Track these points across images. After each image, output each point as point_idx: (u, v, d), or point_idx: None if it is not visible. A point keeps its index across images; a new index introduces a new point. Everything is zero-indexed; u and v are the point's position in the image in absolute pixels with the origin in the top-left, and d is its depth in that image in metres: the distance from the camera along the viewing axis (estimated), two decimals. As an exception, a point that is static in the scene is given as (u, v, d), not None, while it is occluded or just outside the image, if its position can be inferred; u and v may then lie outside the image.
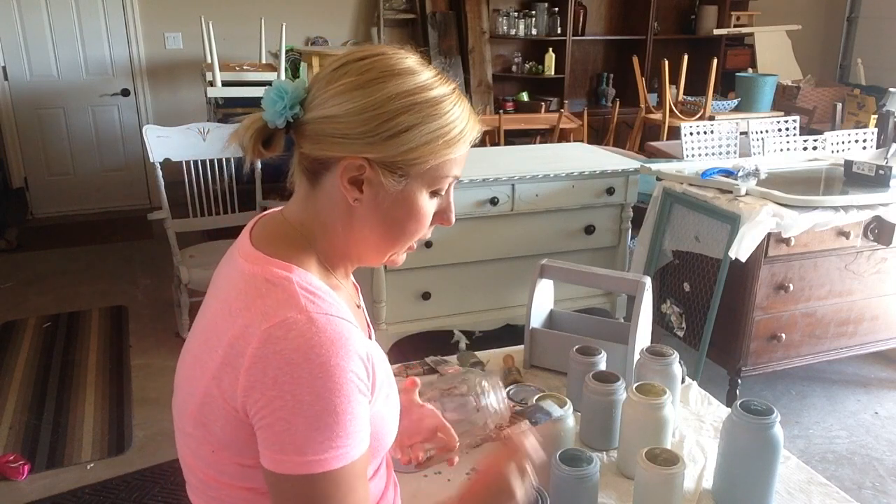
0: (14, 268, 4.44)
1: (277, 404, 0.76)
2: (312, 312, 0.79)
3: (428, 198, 0.88)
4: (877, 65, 5.90)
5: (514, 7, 5.99)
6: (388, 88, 0.82)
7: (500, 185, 2.90)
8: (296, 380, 0.76)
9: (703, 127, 3.33)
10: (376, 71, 0.83)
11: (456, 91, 0.87)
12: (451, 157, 0.86)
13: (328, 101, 0.84)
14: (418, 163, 0.84)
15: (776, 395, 3.07)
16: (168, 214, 3.31)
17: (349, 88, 0.83)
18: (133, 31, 5.28)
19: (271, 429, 0.77)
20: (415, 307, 2.98)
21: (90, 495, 2.42)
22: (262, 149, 0.88)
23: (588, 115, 4.97)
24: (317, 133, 0.84)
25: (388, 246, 0.91)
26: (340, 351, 0.78)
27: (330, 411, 0.77)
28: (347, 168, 0.84)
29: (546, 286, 1.77)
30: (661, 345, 1.46)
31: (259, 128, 0.86)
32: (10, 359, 3.35)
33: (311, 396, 0.76)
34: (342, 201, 0.87)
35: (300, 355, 0.76)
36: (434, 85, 0.85)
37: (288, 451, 0.77)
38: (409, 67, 0.85)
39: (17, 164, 5.32)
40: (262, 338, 0.77)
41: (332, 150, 0.84)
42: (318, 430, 0.76)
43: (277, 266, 0.84)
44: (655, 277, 2.92)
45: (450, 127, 0.84)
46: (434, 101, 0.84)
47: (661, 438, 1.28)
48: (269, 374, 0.77)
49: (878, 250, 2.71)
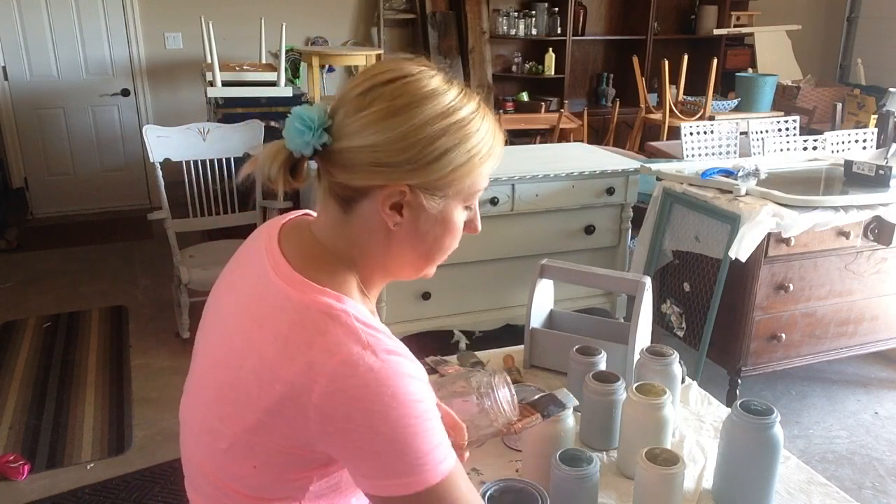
0: (14, 268, 4.44)
1: (355, 438, 0.78)
2: (374, 346, 0.80)
3: (461, 211, 0.90)
4: (877, 65, 5.90)
5: (514, 7, 5.99)
6: (422, 114, 0.82)
7: (500, 185, 2.90)
8: (370, 414, 0.77)
9: (703, 127, 3.33)
10: (408, 96, 0.83)
11: (481, 106, 0.88)
12: (485, 172, 0.88)
13: (362, 130, 0.83)
14: (457, 183, 0.85)
15: (776, 395, 3.07)
16: (168, 214, 3.31)
17: (383, 117, 0.82)
18: (133, 31, 5.28)
19: (358, 459, 0.80)
20: (415, 307, 2.98)
21: (90, 495, 2.42)
22: (292, 179, 0.87)
23: (588, 115, 4.97)
24: (354, 162, 0.83)
25: (425, 262, 0.92)
26: (404, 379, 0.79)
27: (410, 435, 0.78)
28: (389, 196, 0.84)
29: (546, 286, 1.77)
30: (661, 345, 1.46)
31: (285, 158, 0.85)
32: (10, 359, 3.35)
33: (387, 427, 0.78)
34: (381, 226, 0.86)
35: (370, 391, 0.77)
36: (463, 104, 0.85)
37: (382, 476, 0.80)
38: (437, 88, 0.85)
39: (17, 164, 5.32)
40: (330, 376, 0.78)
41: (371, 180, 0.83)
42: (404, 454, 0.79)
43: (330, 297, 0.82)
44: (655, 277, 2.92)
45: (482, 144, 0.86)
46: (466, 121, 0.84)
47: (661, 438, 1.27)
48: (342, 412, 0.78)
49: (878, 250, 2.71)
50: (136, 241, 4.90)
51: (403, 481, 0.79)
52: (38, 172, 5.39)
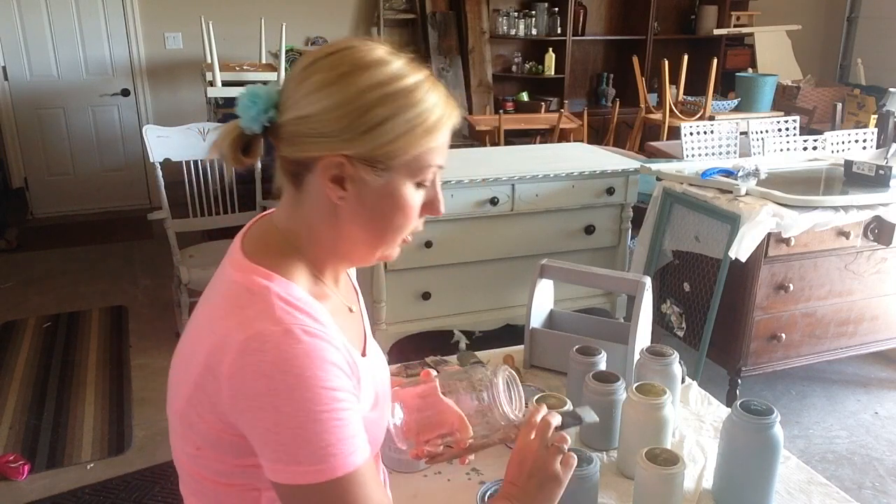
0: (14, 268, 4.44)
1: (261, 416, 0.77)
2: (288, 324, 0.79)
3: (413, 189, 0.86)
4: (877, 65, 5.90)
5: (514, 7, 5.99)
6: (359, 82, 0.81)
7: (500, 185, 2.90)
8: (275, 393, 0.76)
9: (703, 127, 3.33)
10: (346, 65, 0.82)
11: (429, 78, 0.85)
12: (431, 145, 0.85)
13: (301, 100, 0.82)
14: (398, 154, 0.83)
15: (776, 395, 3.07)
16: (168, 214, 3.31)
17: (321, 86, 0.82)
18: (133, 31, 5.28)
19: (262, 440, 0.78)
20: (415, 307, 2.98)
21: (90, 495, 2.42)
22: (242, 156, 0.87)
23: (588, 115, 4.97)
24: (293, 134, 0.83)
25: (377, 242, 0.89)
26: (316, 362, 0.77)
27: (313, 420, 0.76)
28: (328, 167, 0.83)
29: (546, 286, 1.77)
30: (661, 345, 1.46)
31: (236, 136, 0.86)
32: (10, 359, 3.35)
33: (291, 408, 0.76)
34: (327, 201, 0.85)
35: (276, 368, 0.76)
36: (406, 73, 0.83)
37: (284, 461, 0.78)
38: (380, 58, 0.83)
39: (17, 164, 5.32)
40: (239, 349, 0.77)
41: (310, 151, 0.83)
42: (307, 441, 0.77)
43: (259, 275, 0.83)
44: (655, 277, 2.92)
45: (427, 115, 0.83)
46: (408, 90, 0.82)
47: (661, 438, 1.27)
48: (249, 387, 0.77)
49: (878, 250, 2.71)
50: (136, 241, 4.90)
51: (303, 469, 0.77)
52: (38, 172, 5.39)
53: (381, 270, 2.84)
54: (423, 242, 2.87)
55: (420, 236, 2.85)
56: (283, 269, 0.85)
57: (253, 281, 0.83)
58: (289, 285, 0.83)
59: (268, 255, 0.86)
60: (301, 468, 0.77)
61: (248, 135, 0.85)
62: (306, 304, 0.83)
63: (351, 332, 0.93)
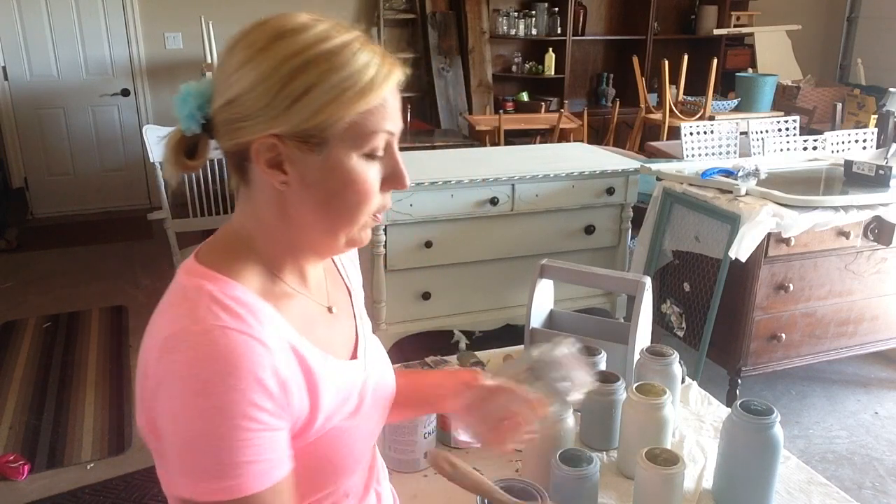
0: (14, 268, 4.44)
1: (171, 420, 0.71)
2: (208, 324, 0.72)
3: (362, 161, 0.79)
4: (877, 65, 5.90)
5: (514, 7, 5.99)
6: (278, 52, 0.75)
7: (500, 185, 2.90)
8: (180, 398, 0.70)
9: (703, 127, 3.33)
10: (263, 39, 0.76)
11: (359, 38, 0.78)
12: (368, 108, 0.76)
13: (223, 84, 0.77)
14: (330, 124, 0.75)
15: (776, 395, 3.07)
16: (168, 214, 3.31)
17: (241, 64, 0.76)
18: (133, 31, 5.28)
19: (168, 445, 0.72)
20: (415, 307, 2.98)
21: (90, 495, 2.42)
22: (187, 160, 0.82)
23: (588, 115, 4.97)
24: (223, 123, 0.78)
25: (334, 226, 0.81)
26: (228, 368, 0.70)
27: (211, 435, 0.69)
28: (260, 150, 0.76)
29: (546, 286, 1.77)
30: (661, 345, 1.46)
31: (178, 140, 0.81)
32: (10, 359, 3.35)
33: (194, 415, 0.69)
34: (272, 189, 0.79)
35: (187, 370, 0.70)
36: (330, 36, 0.76)
37: (176, 472, 0.71)
38: (300, 25, 0.77)
39: (17, 164, 5.32)
40: (160, 348, 0.72)
41: (240, 136, 0.77)
42: (202, 455, 0.69)
43: (201, 275, 0.78)
44: (655, 277, 2.92)
45: (357, 77, 0.75)
46: (331, 53, 0.75)
47: (661, 438, 1.27)
48: (164, 389, 0.71)
49: (878, 250, 2.71)
50: (136, 241, 4.90)
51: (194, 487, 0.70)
52: (38, 172, 5.40)
53: (381, 270, 2.84)
54: (423, 242, 2.87)
55: (420, 236, 2.85)
56: (230, 269, 0.79)
57: (192, 282, 0.77)
58: (228, 284, 0.77)
59: (218, 256, 0.81)
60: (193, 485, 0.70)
61: (190, 136, 0.80)
62: (242, 304, 0.76)
63: (326, 334, 0.87)
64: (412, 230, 2.84)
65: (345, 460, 0.86)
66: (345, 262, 1.02)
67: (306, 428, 0.79)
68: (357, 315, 0.97)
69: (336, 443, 0.83)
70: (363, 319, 0.98)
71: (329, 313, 0.90)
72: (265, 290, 0.80)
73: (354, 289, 1.00)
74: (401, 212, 2.78)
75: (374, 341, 0.99)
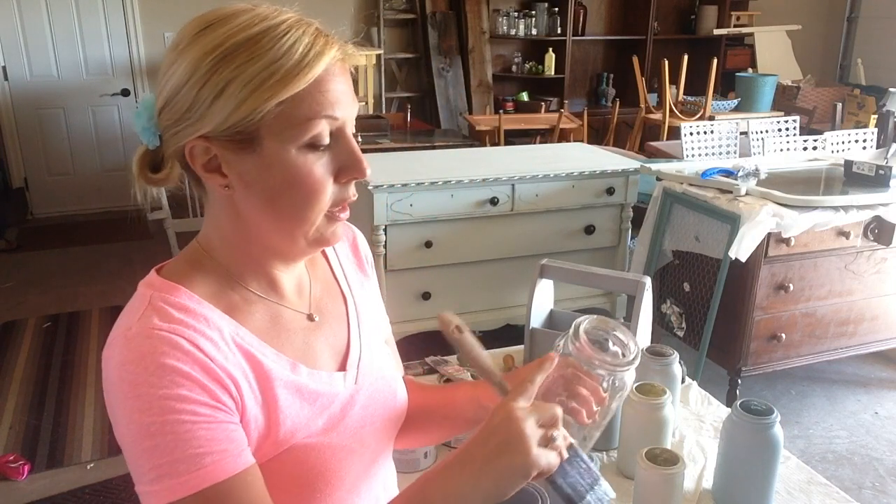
0: (14, 268, 4.44)
1: (117, 430, 0.71)
2: (139, 327, 0.70)
3: (303, 154, 0.73)
4: (877, 65, 5.90)
5: (514, 7, 5.99)
6: (199, 48, 0.70)
7: (500, 185, 2.90)
8: (118, 404, 0.69)
9: (703, 127, 3.33)
10: (188, 34, 0.72)
11: (290, 20, 0.72)
12: (293, 94, 0.70)
13: (158, 89, 0.74)
14: (254, 118, 0.70)
15: (776, 395, 3.07)
16: (168, 214, 3.32)
17: (168, 66, 0.73)
18: (133, 31, 5.28)
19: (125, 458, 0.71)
20: (415, 307, 2.98)
21: (90, 495, 2.42)
22: (152, 174, 0.79)
23: (588, 115, 4.97)
24: (165, 129, 0.75)
25: (287, 225, 0.76)
26: (150, 366, 0.68)
27: (154, 433, 0.67)
28: (195, 154, 0.73)
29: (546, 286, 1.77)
30: (661, 345, 1.46)
31: (142, 154, 0.78)
32: (10, 359, 3.35)
33: (125, 420, 0.68)
34: (220, 195, 0.76)
35: (116, 374, 0.69)
36: (253, 22, 0.71)
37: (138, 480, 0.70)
38: (226, 14, 0.72)
39: (17, 164, 5.32)
40: (103, 359, 0.72)
41: (176, 142, 0.74)
42: (152, 454, 0.67)
43: (150, 285, 0.76)
44: (655, 277, 2.92)
45: (281, 62, 0.69)
46: (251, 41, 0.70)
47: (661, 438, 1.27)
48: (108, 398, 0.71)
49: (878, 250, 2.71)
50: (136, 241, 4.90)
51: (143, 489, 0.69)
52: (38, 172, 5.39)
53: (382, 270, 2.84)
54: (423, 242, 2.87)
55: (420, 236, 2.85)
56: (183, 277, 0.77)
57: (142, 291, 0.76)
58: (173, 290, 0.75)
59: (177, 266, 0.79)
60: (142, 488, 0.69)
61: (153, 150, 0.77)
62: (180, 308, 0.73)
63: (302, 342, 0.83)
64: (412, 230, 2.84)
65: (317, 479, 0.80)
66: (346, 272, 0.95)
67: (268, 435, 0.76)
68: (353, 325, 0.91)
69: (307, 459, 0.79)
70: (365, 330, 0.92)
71: (309, 321, 0.85)
72: (217, 296, 0.77)
73: (357, 299, 0.94)
74: (401, 212, 2.78)
75: (381, 354, 0.94)
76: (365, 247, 1.00)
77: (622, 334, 0.85)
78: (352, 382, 0.86)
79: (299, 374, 0.80)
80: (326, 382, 0.83)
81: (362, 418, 0.86)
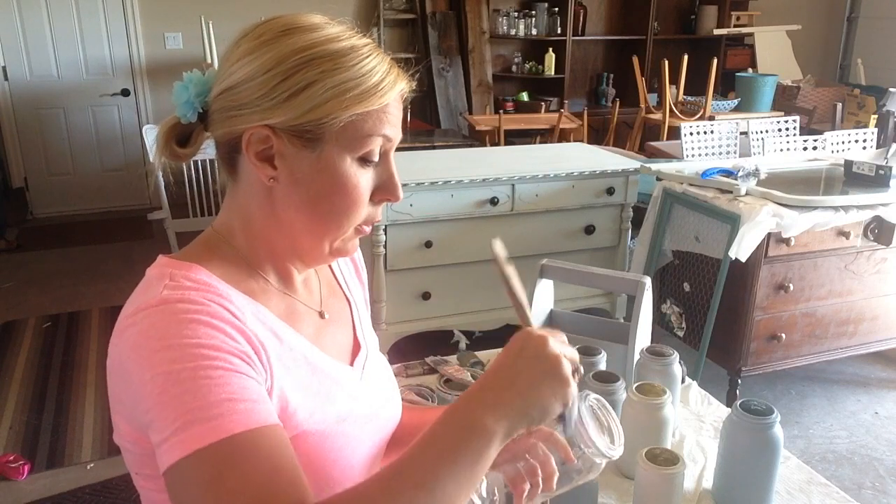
0: (14, 268, 4.44)
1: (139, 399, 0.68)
2: (166, 297, 0.70)
3: (355, 166, 0.77)
4: (877, 65, 5.90)
5: (514, 7, 5.99)
6: (284, 45, 0.74)
7: (500, 185, 2.90)
8: (140, 363, 0.67)
9: (703, 127, 3.33)
10: (272, 32, 0.75)
11: (371, 45, 0.78)
12: (367, 110, 0.75)
13: (224, 73, 0.76)
14: (327, 122, 0.74)
15: (776, 395, 3.07)
16: (168, 214, 3.32)
17: (245, 54, 0.75)
18: (133, 31, 5.28)
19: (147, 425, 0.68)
20: (415, 307, 2.98)
21: (90, 495, 2.42)
22: (178, 148, 0.80)
23: (588, 115, 4.97)
24: (219, 111, 0.77)
25: (320, 229, 0.79)
26: (184, 321, 0.68)
27: (174, 381, 0.65)
28: (252, 141, 0.75)
29: (546, 286, 1.77)
30: (661, 345, 1.46)
31: (171, 126, 0.80)
32: (10, 359, 3.35)
33: (152, 372, 0.66)
34: (259, 185, 0.77)
35: (143, 336, 0.68)
36: (341, 38, 0.76)
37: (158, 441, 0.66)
38: (312, 24, 0.76)
39: (17, 164, 5.32)
40: (116, 333, 0.71)
41: (233, 125, 0.75)
42: (179, 402, 0.65)
43: (165, 265, 0.76)
44: (655, 277, 2.92)
45: (362, 79, 0.74)
46: (339, 54, 0.74)
47: (661, 438, 1.27)
48: (126, 367, 0.69)
49: (878, 250, 2.71)
50: (136, 241, 4.90)
51: (169, 443, 0.65)
52: (38, 172, 5.39)
53: (382, 270, 2.84)
54: (423, 242, 2.87)
55: (420, 236, 2.85)
56: (200, 259, 0.77)
57: (156, 271, 0.75)
58: (194, 268, 0.75)
59: (190, 251, 0.80)
60: (170, 441, 0.65)
61: (185, 124, 0.79)
62: (205, 284, 0.73)
63: (314, 334, 0.85)
64: (412, 230, 2.84)
65: (332, 467, 0.80)
66: (345, 275, 0.98)
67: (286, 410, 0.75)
68: (359, 327, 0.94)
69: (323, 444, 0.79)
70: (367, 334, 0.95)
71: (320, 318, 0.88)
72: (235, 280, 0.78)
73: (357, 303, 0.97)
74: (401, 212, 2.78)
75: (380, 361, 0.96)
76: (359, 255, 1.02)
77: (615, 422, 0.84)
78: (357, 378, 0.88)
79: (317, 357, 0.81)
80: (339, 370, 0.85)
81: (368, 414, 0.88)
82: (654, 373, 1.40)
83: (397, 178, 0.81)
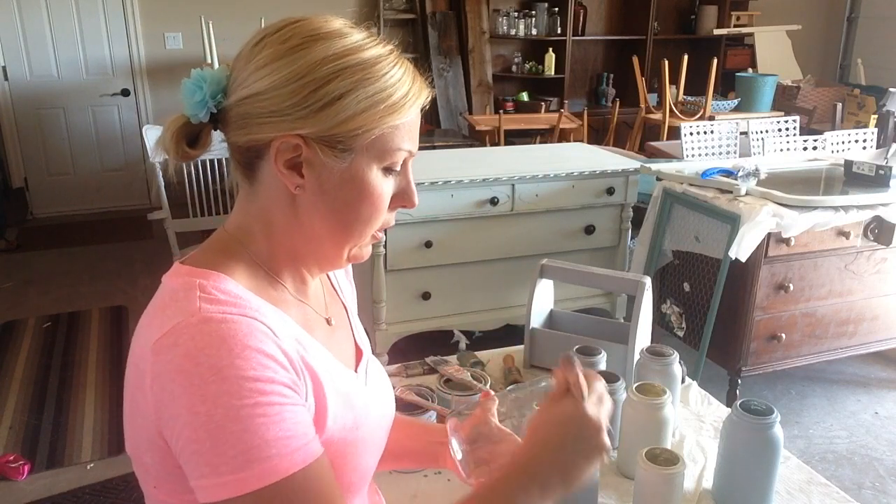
0: (14, 268, 4.44)
1: (180, 424, 0.66)
2: (205, 313, 0.69)
3: (381, 175, 0.77)
4: (877, 65, 5.90)
5: (514, 7, 5.99)
6: (315, 53, 0.73)
7: (500, 185, 2.90)
8: (189, 391, 0.65)
9: (703, 127, 3.33)
10: (299, 37, 0.74)
11: (394, 52, 0.77)
12: (397, 123, 0.75)
13: (249, 78, 0.74)
14: (360, 133, 0.74)
15: (776, 395, 3.07)
16: (168, 214, 3.31)
17: (270, 59, 0.73)
18: (133, 31, 5.29)
19: (185, 453, 0.67)
20: (415, 307, 2.98)
21: (90, 495, 2.42)
22: (188, 148, 0.79)
23: (588, 115, 4.97)
24: (241, 116, 0.75)
25: (343, 237, 0.79)
26: (235, 349, 0.66)
27: (233, 419, 0.65)
28: (281, 150, 0.74)
29: (546, 286, 1.77)
30: (661, 345, 1.46)
31: (181, 125, 0.78)
32: (10, 359, 3.35)
33: (206, 406, 0.65)
34: (283, 192, 0.77)
35: (188, 362, 0.66)
36: (367, 45, 0.75)
37: (206, 474, 0.66)
38: (336, 30, 0.75)
39: (17, 164, 5.32)
40: (154, 350, 0.68)
41: (260, 132, 0.74)
42: (226, 445, 0.65)
43: (187, 274, 0.74)
44: (655, 277, 2.92)
45: (392, 90, 0.74)
46: (369, 63, 0.74)
47: (661, 438, 1.27)
48: (167, 389, 0.67)
49: (878, 250, 2.71)
50: (136, 241, 4.90)
51: (224, 480, 0.65)
52: (38, 172, 5.40)
53: (381, 270, 2.84)
54: (423, 242, 2.87)
55: (420, 236, 2.85)
56: (221, 266, 0.76)
57: (180, 281, 0.74)
58: (220, 278, 0.74)
59: (207, 256, 0.78)
60: (221, 479, 0.65)
61: (195, 124, 0.77)
62: (238, 298, 0.72)
63: (328, 344, 0.85)
64: (412, 230, 2.84)
65: (352, 474, 0.82)
66: (338, 277, 0.99)
67: (319, 426, 0.76)
68: (356, 331, 0.95)
69: (346, 453, 0.80)
70: (361, 336, 0.96)
71: (328, 325, 0.88)
72: (260, 289, 0.77)
73: (349, 305, 0.98)
74: (401, 212, 2.76)
75: (375, 363, 0.97)
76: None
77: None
78: (363, 384, 0.89)
79: (333, 365, 0.82)
80: (350, 380, 0.85)
81: (376, 419, 0.89)
82: (654, 373, 1.40)
83: (413, 186, 0.82)
